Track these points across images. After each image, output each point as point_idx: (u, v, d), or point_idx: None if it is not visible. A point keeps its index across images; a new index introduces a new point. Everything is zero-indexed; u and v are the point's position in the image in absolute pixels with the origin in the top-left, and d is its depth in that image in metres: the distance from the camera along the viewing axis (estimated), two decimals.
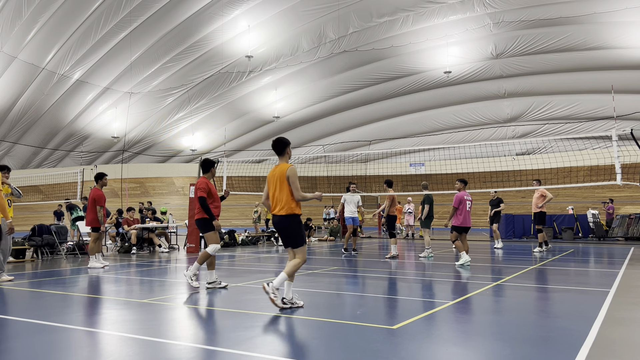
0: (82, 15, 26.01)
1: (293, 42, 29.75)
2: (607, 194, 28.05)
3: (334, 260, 11.64)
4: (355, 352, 3.80)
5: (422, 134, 35.10)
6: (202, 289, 7.04)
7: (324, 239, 20.18)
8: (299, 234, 5.64)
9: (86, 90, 31.67)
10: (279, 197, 5.62)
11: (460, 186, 10.79)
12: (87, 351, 3.95)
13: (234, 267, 10.49)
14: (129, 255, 13.34)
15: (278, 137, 5.86)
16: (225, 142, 36.26)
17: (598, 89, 29.12)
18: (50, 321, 4.95)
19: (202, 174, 7.68)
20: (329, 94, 34.70)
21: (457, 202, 10.43)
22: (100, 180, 10.73)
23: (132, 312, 5.47)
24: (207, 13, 27.11)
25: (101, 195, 10.52)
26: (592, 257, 12.32)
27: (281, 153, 5.77)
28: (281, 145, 5.75)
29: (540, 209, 13.83)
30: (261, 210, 22.74)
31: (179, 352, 3.86)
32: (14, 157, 36.42)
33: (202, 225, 7.27)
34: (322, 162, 36.01)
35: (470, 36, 28.66)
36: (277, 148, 5.76)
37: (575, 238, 19.50)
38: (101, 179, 10.74)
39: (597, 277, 8.44)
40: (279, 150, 5.76)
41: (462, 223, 10.45)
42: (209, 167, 7.64)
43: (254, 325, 4.73)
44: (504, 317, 5.18)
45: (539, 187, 13.89)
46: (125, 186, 30.96)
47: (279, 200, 5.62)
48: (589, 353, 3.75)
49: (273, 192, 5.70)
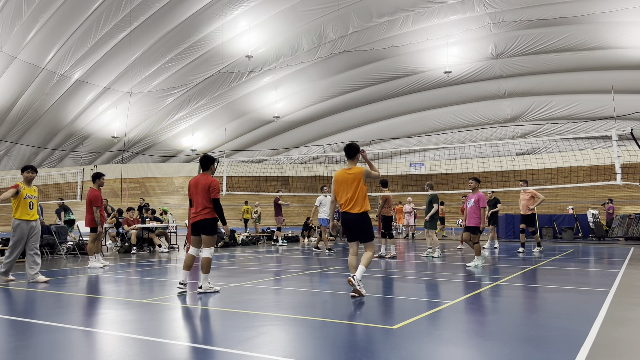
0: (82, 15, 26.01)
1: (293, 42, 29.75)
2: (607, 194, 28.05)
3: (334, 260, 11.64)
4: (355, 352, 3.80)
5: (422, 134, 35.10)
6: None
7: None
8: (371, 230, 6.45)
9: (86, 90, 31.67)
10: (357, 197, 6.32)
11: (475, 185, 10.43)
12: (87, 351, 3.95)
13: (234, 267, 10.49)
14: (129, 255, 13.34)
15: (351, 143, 6.61)
16: (225, 142, 36.25)
17: (598, 89, 29.13)
18: (50, 321, 4.95)
19: (202, 171, 7.12)
20: (329, 94, 34.71)
21: (484, 202, 10.15)
22: (98, 180, 10.65)
23: (132, 312, 5.47)
24: (207, 13, 27.12)
25: (97, 196, 10.44)
26: (592, 257, 12.32)
27: (352, 157, 6.51)
28: (354, 150, 6.51)
29: (531, 211, 13.38)
30: (261, 210, 22.73)
31: (179, 352, 3.86)
32: (14, 157, 36.43)
33: (210, 225, 6.76)
34: (322, 162, 36.01)
35: (470, 36, 28.67)
36: (350, 152, 6.51)
37: (575, 238, 19.50)
38: (98, 179, 10.66)
39: (597, 277, 8.44)
40: (351, 155, 6.50)
41: (477, 224, 10.22)
42: (210, 164, 7.10)
43: (254, 325, 4.73)
44: (504, 317, 5.18)
45: (527, 188, 13.45)
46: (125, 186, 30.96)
47: (357, 200, 6.32)
48: (589, 353, 3.75)
49: (347, 193, 6.36)
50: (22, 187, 8.07)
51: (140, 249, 14.61)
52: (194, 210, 6.84)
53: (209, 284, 6.71)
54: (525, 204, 13.42)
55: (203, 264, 6.67)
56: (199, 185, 6.81)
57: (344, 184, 6.42)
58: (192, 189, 6.89)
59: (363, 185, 6.34)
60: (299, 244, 18.16)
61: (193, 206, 6.88)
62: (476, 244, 10.20)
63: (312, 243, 17.81)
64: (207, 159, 7.09)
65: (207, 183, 6.80)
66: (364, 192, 6.36)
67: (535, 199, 13.42)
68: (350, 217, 6.38)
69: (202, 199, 6.75)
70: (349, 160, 6.53)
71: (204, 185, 6.78)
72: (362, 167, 6.43)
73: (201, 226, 6.74)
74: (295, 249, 15.56)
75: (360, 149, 6.60)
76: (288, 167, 36.93)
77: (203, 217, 6.73)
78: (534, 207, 13.43)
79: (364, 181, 6.34)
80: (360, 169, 6.41)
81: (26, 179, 8.24)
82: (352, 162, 6.52)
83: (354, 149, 6.51)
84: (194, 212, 6.84)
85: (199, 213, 6.75)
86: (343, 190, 6.43)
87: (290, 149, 38.95)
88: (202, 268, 6.66)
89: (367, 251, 6.37)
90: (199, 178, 6.90)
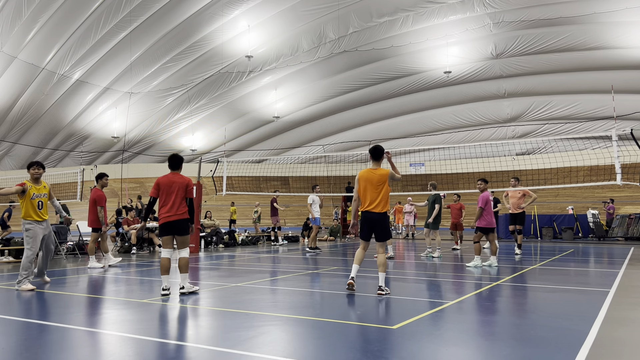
0: (82, 15, 26.00)
1: (293, 42, 29.74)
2: (607, 194, 28.04)
3: (334, 260, 11.64)
4: (355, 352, 3.80)
5: (422, 134, 35.09)
6: (202, 289, 7.03)
7: (324, 239, 20.19)
8: (389, 229, 6.83)
9: (86, 90, 31.66)
10: (381, 197, 6.60)
11: (483, 186, 10.44)
12: (87, 351, 3.95)
13: (234, 267, 10.49)
14: (129, 255, 13.34)
15: (377, 145, 6.92)
16: (225, 142, 36.25)
17: (598, 89, 29.11)
18: (50, 321, 4.95)
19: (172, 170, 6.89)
20: (329, 94, 34.70)
21: (483, 202, 10.11)
22: (101, 180, 10.72)
23: (132, 312, 5.47)
24: (207, 13, 27.10)
25: (102, 196, 10.54)
26: (592, 257, 12.32)
27: (378, 159, 6.82)
28: (379, 152, 6.81)
29: (522, 209, 13.09)
30: (261, 211, 22.73)
31: (179, 352, 3.86)
32: (14, 157, 36.41)
33: (187, 226, 6.77)
34: (322, 162, 36.01)
35: (470, 36, 28.66)
36: (376, 154, 6.81)
37: (575, 238, 19.50)
38: (101, 179, 10.74)
39: (597, 277, 8.44)
40: (376, 157, 6.81)
41: (489, 224, 10.25)
42: (181, 163, 6.99)
43: (254, 325, 4.73)
44: (503, 317, 5.18)
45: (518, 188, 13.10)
46: (125, 186, 30.95)
47: (380, 201, 6.60)
48: (589, 353, 3.75)
49: (373, 193, 6.62)
50: (29, 186, 7.56)
51: (140, 249, 14.62)
52: (166, 210, 6.69)
53: (189, 284, 6.72)
54: (516, 202, 13.10)
55: (183, 265, 6.65)
56: (174, 184, 6.69)
57: (369, 184, 6.66)
58: (165, 187, 6.70)
59: (388, 187, 6.66)
60: (298, 244, 18.16)
61: (165, 206, 6.72)
62: (476, 243, 10.24)
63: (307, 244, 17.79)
64: (179, 158, 7.00)
65: (185, 183, 6.76)
66: (387, 193, 6.67)
67: (526, 198, 13.10)
68: (373, 217, 6.63)
69: (179, 198, 6.70)
70: (374, 162, 6.83)
71: (181, 185, 6.70)
72: (387, 169, 6.74)
73: (177, 226, 6.69)
74: (295, 249, 15.56)
75: (385, 150, 6.90)
76: (288, 167, 36.92)
77: (180, 217, 6.69)
78: (525, 206, 13.12)
79: (389, 183, 6.67)
80: (386, 170, 6.70)
81: (33, 176, 7.70)
82: (377, 164, 6.82)
83: (380, 151, 6.81)
84: (167, 212, 6.69)
85: (175, 213, 6.67)
86: (368, 190, 6.66)
87: (290, 149, 38.95)
88: (182, 268, 6.64)
89: (380, 254, 6.62)
90: (173, 177, 6.76)
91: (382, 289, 6.36)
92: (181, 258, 6.72)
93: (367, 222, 6.69)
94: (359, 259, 6.74)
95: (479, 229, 10.28)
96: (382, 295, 6.29)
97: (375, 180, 6.63)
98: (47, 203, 7.81)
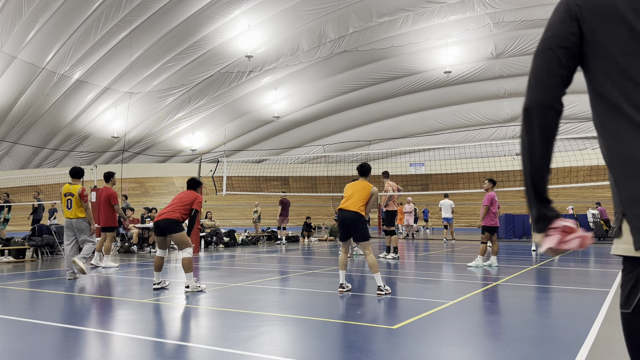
0: (82, 15, 26.01)
1: (293, 42, 29.75)
2: (607, 194, 28.03)
3: (334, 260, 11.64)
4: (355, 352, 3.80)
5: (422, 134, 35.10)
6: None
7: (323, 239, 20.19)
8: (365, 229, 6.61)
9: (86, 90, 31.67)
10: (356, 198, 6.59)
11: (488, 186, 10.40)
12: (87, 351, 3.95)
13: (234, 267, 10.49)
14: (129, 255, 13.33)
15: (365, 163, 7.02)
16: (225, 142, 36.27)
17: None
18: (50, 321, 4.95)
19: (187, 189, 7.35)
20: (329, 94, 34.71)
21: (488, 201, 10.04)
22: (112, 179, 10.82)
23: (132, 312, 5.47)
24: (207, 13, 27.11)
25: (114, 194, 10.63)
26: (592, 257, 12.32)
27: (366, 175, 6.93)
28: (367, 170, 6.96)
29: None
30: (261, 210, 22.72)
31: (179, 352, 3.86)
32: (14, 157, 36.42)
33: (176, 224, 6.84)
34: (322, 162, 36.01)
35: (470, 36, 28.67)
36: (363, 171, 6.94)
37: None
38: (112, 177, 10.83)
39: (597, 277, 8.44)
40: (364, 173, 6.93)
41: (495, 223, 10.21)
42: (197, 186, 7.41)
43: (254, 325, 4.73)
44: (504, 317, 5.18)
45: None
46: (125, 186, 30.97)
47: (355, 200, 6.58)
48: (589, 353, 3.75)
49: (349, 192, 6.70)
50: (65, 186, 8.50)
51: (141, 248, 14.61)
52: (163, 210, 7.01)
53: (195, 283, 6.79)
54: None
55: (184, 265, 6.73)
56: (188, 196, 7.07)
57: (350, 189, 6.80)
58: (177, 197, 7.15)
59: (368, 196, 6.64)
60: (298, 244, 18.17)
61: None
62: (483, 243, 10.20)
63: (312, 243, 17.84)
64: (196, 182, 7.39)
65: (195, 195, 7.09)
66: (364, 199, 6.61)
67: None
68: (346, 215, 6.61)
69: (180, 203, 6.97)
70: (361, 177, 6.95)
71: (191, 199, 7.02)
72: (372, 185, 6.82)
73: (163, 226, 6.79)
74: (295, 249, 15.57)
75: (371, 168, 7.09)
76: (288, 167, 36.93)
77: (167, 217, 6.80)
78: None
79: (369, 194, 6.66)
80: (371, 185, 6.80)
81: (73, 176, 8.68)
82: (364, 179, 6.92)
83: (368, 169, 6.99)
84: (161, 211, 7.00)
85: (163, 213, 6.89)
86: (348, 192, 6.75)
87: (290, 149, 38.96)
88: (184, 269, 6.74)
89: (367, 256, 6.53)
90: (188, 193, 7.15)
91: (382, 289, 6.34)
92: (183, 258, 6.79)
93: (341, 221, 6.70)
94: (343, 264, 6.69)
95: (485, 228, 10.21)
96: (381, 295, 6.29)
97: (359, 186, 6.75)
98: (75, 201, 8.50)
